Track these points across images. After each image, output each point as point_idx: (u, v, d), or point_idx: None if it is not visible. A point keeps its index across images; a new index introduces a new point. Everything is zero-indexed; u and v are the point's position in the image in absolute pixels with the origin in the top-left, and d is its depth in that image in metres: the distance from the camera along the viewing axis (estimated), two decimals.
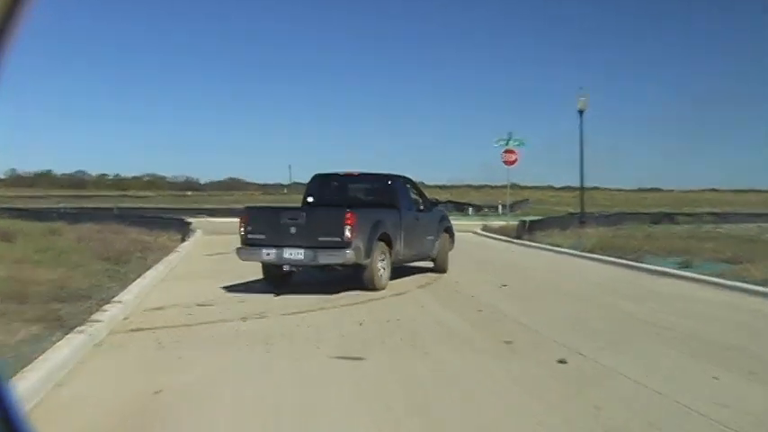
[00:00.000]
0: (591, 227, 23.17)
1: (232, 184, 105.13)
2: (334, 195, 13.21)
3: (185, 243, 19.72)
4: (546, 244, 20.58)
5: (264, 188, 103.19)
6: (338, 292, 10.61)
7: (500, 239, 23.49)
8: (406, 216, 12.58)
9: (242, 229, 11.76)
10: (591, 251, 17.87)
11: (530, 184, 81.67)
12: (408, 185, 13.51)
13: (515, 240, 22.46)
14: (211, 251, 17.85)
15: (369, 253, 11.24)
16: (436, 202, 15.71)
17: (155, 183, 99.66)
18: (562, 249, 19.33)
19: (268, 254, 11.45)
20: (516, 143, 29.94)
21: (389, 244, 11.69)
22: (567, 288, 12.04)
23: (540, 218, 28.44)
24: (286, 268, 11.39)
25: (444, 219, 15.05)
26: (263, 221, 11.92)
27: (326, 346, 6.91)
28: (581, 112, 25.64)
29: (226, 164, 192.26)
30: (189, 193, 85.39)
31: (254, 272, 11.65)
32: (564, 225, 23.95)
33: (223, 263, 15.03)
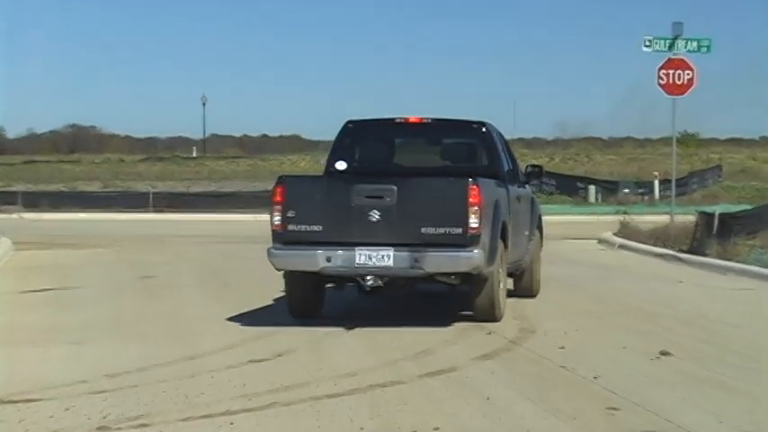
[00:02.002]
0: None
1: (77, 140, 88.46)
2: (386, 158, 12.03)
3: None
4: (759, 265, 15.65)
5: (148, 147, 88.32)
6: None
7: (655, 254, 18.98)
8: (510, 190, 11.83)
9: (277, 216, 10.32)
10: None
11: (721, 136, 69.27)
12: (504, 140, 12.82)
13: (689, 257, 17.65)
14: (37, 284, 14.16)
15: (493, 256, 10.44)
16: (535, 172, 13.53)
17: None
18: None
19: (329, 258, 10.11)
20: (693, 47, 21.33)
21: (505, 240, 11.03)
22: None
23: (745, 207, 23.20)
24: (370, 281, 10.23)
25: (535, 203, 13.52)
26: (317, 201, 10.49)
27: None
28: None
29: (61, 100, 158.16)
30: None
31: (133, 324, 10.12)
32: None
33: (65, 308, 12.04)
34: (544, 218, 14.47)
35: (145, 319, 11.23)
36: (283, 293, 11.75)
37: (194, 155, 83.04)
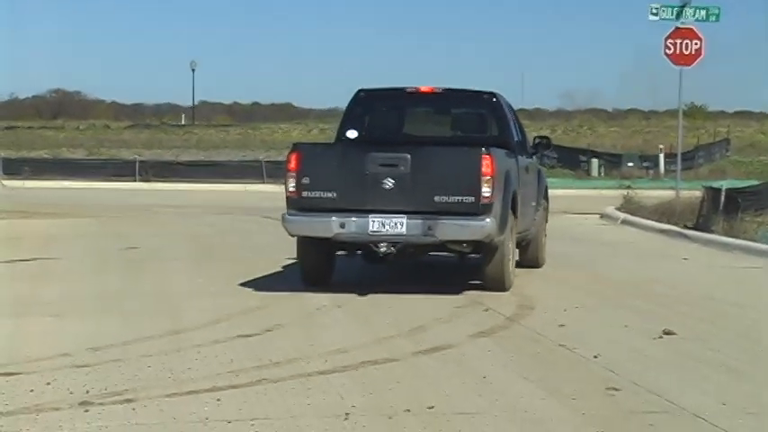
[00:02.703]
0: None
1: (61, 105, 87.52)
2: (397, 126, 12.30)
3: None
4: (767, 243, 15.54)
5: (135, 114, 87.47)
6: None
7: (659, 231, 18.72)
8: (520, 161, 12.09)
9: (291, 183, 10.71)
10: None
11: (729, 109, 69.34)
12: (513, 111, 13.10)
13: (694, 233, 17.37)
14: (15, 254, 13.89)
15: (504, 225, 10.75)
16: (543, 143, 13.64)
17: None
18: None
19: (342, 225, 10.40)
20: (701, 15, 21.18)
21: (515, 210, 11.31)
22: None
23: (752, 183, 22.55)
24: (383, 248, 10.59)
25: (542, 174, 13.97)
26: (332, 168, 10.83)
27: None
28: None
29: (45, 64, 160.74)
30: None
31: (116, 298, 9.92)
32: None
33: (45, 280, 11.87)
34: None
35: (129, 293, 11.10)
36: (275, 269, 11.99)
37: (183, 122, 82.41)
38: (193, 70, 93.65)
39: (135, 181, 35.05)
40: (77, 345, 7.99)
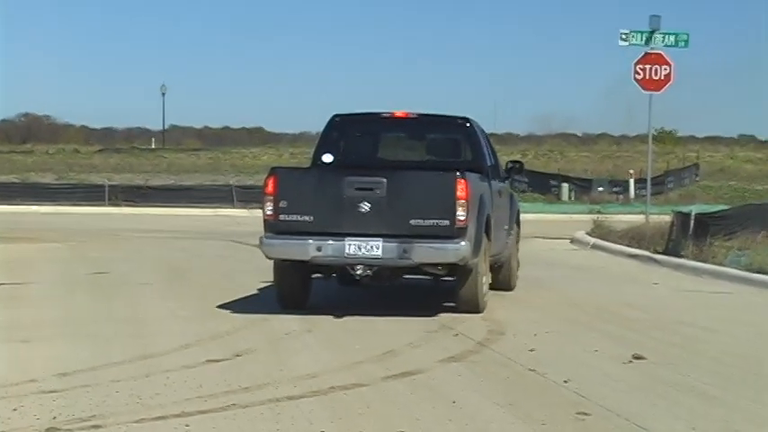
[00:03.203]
0: None
1: (30, 129, 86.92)
2: (372, 151, 12.31)
3: None
4: (734, 267, 15.42)
5: (105, 138, 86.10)
6: None
7: (629, 254, 18.66)
8: (493, 185, 12.12)
9: (269, 207, 10.64)
10: None
11: (699, 134, 68.82)
12: (486, 136, 13.08)
13: (664, 258, 17.33)
14: None
15: (478, 248, 10.74)
16: (515, 168, 13.87)
17: None
18: None
19: (319, 248, 10.45)
20: (670, 41, 21.31)
21: (488, 233, 11.30)
22: None
23: (720, 208, 22.81)
24: (359, 271, 10.59)
25: (514, 198, 14.00)
26: (308, 192, 10.82)
27: None
28: None
29: (13, 89, 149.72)
30: None
31: (86, 323, 9.76)
32: None
33: (15, 305, 11.64)
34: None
35: (98, 318, 10.96)
36: (248, 293, 11.92)
37: (153, 146, 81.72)
38: (163, 94, 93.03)
39: (105, 205, 34.65)
40: (45, 370, 7.86)
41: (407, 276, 11.61)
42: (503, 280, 12.90)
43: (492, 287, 11.99)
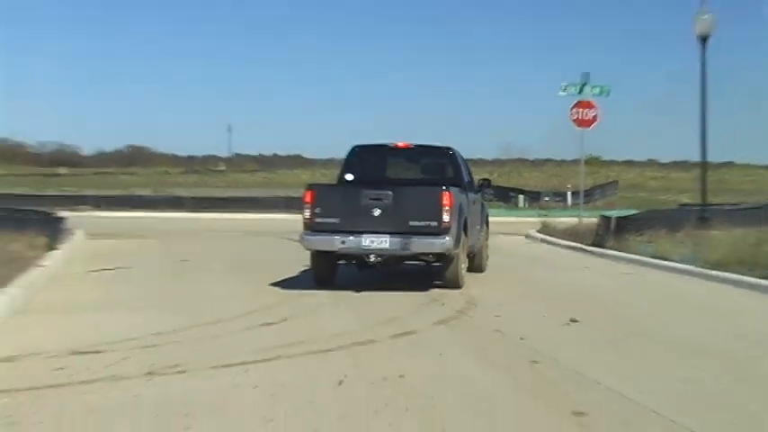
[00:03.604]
0: (719, 227, 17.03)
1: (134, 157, 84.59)
2: (382, 171, 12.26)
3: (56, 252, 14.25)
4: (644, 255, 15.36)
5: (188, 163, 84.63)
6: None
7: (567, 247, 18.61)
8: (469, 196, 12.04)
9: (307, 212, 10.74)
10: (717, 267, 12.76)
11: (618, 158, 67.36)
12: (464, 159, 12.99)
13: (593, 249, 17.40)
14: (101, 265, 13.52)
15: (458, 241, 10.74)
16: (485, 183, 14.04)
17: (5, 154, 76.86)
18: (670, 264, 14.22)
19: (343, 242, 10.48)
20: (596, 91, 21.28)
21: (466, 231, 11.22)
22: (676, 329, 8.84)
23: (633, 212, 21.63)
24: (372, 258, 10.69)
25: (484, 206, 13.91)
26: (336, 201, 10.86)
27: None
28: (702, 38, 17.45)
29: (124, 126, 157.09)
30: (62, 170, 69.17)
31: (173, 298, 9.55)
32: (674, 224, 17.59)
33: (122, 284, 11.60)
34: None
35: (182, 293, 10.96)
36: (291, 275, 11.89)
37: (222, 168, 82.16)
38: (229, 131, 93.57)
39: (186, 211, 34.19)
40: (144, 331, 7.82)
41: (407, 262, 11.58)
42: (476, 265, 12.84)
43: (468, 270, 11.90)
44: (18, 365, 6.51)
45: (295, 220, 11.28)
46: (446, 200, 10.48)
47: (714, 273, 12.55)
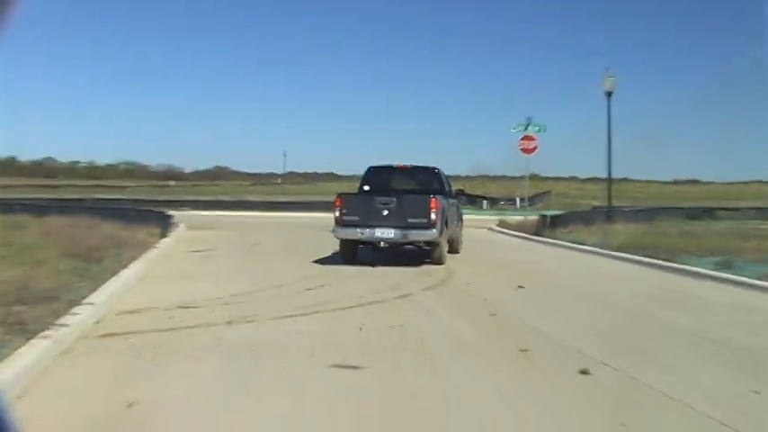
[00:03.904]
0: (619, 223, 17.06)
1: (219, 174, 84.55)
2: (389, 184, 11.91)
3: (166, 239, 14.40)
4: (569, 242, 15.33)
5: (255, 178, 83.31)
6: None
7: (517, 236, 18.43)
8: (450, 200, 11.90)
9: (337, 212, 10.64)
10: (619, 249, 12.84)
11: (551, 175, 64.61)
12: (445, 175, 12.76)
13: (534, 237, 17.28)
14: (196, 247, 13.38)
15: (442, 233, 10.62)
16: (459, 192, 15.04)
17: (133, 171, 78.63)
18: (587, 247, 14.21)
19: (362, 233, 10.45)
20: (536, 129, 21.22)
21: (447, 225, 11.02)
22: (591, 291, 8.78)
23: (562, 212, 21.47)
24: (382, 244, 10.68)
25: (459, 208, 13.44)
26: (357, 205, 10.75)
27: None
28: (608, 93, 17.93)
29: (212, 151, 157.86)
30: (171, 183, 69.56)
31: (245, 271, 9.37)
32: (589, 220, 17.80)
33: (210, 261, 11.53)
34: None
35: (252, 267, 10.91)
36: (326, 255, 11.74)
37: (279, 182, 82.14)
38: (284, 155, 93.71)
39: (255, 211, 33.16)
40: (225, 293, 7.83)
41: (406, 247, 11.47)
42: (454, 249, 12.71)
43: (448, 252, 11.85)
44: (143, 315, 6.54)
45: (329, 217, 11.22)
46: (433, 204, 10.44)
47: (616, 253, 12.57)
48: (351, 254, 11.09)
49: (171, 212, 18.70)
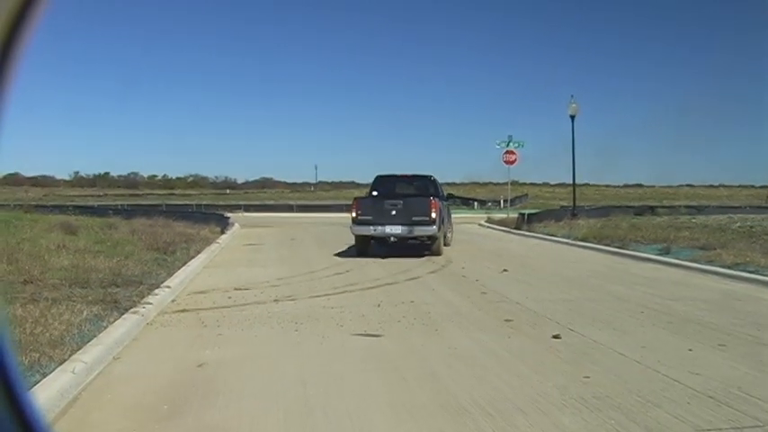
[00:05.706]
0: (582, 218, 17.16)
1: (264, 183, 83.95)
2: (393, 189, 11.34)
3: (224, 235, 14.45)
4: (542, 234, 15.22)
5: (293, 186, 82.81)
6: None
7: (501, 230, 18.14)
8: (443, 202, 11.50)
9: (353, 213, 10.36)
10: (582, 239, 12.86)
11: (528, 181, 63.89)
12: (439, 182, 12.34)
13: (515, 231, 17.07)
14: (248, 241, 13.41)
15: (440, 229, 10.37)
16: (451, 196, 14.74)
17: (198, 182, 79.61)
18: (556, 238, 14.13)
19: (374, 229, 10.16)
20: (516, 145, 21.09)
21: (443, 223, 10.82)
22: (560, 272, 8.63)
23: (537, 211, 21.27)
24: (392, 239, 10.27)
25: (449, 209, 12.94)
26: (370, 207, 10.35)
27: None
28: (572, 117, 17.77)
29: (259, 165, 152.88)
30: (228, 191, 69.48)
31: (287, 259, 9.30)
32: (558, 217, 17.65)
33: (258, 252, 11.46)
34: (453, 216, 14.01)
35: (292, 257, 10.91)
36: (350, 246, 11.56)
37: (312, 189, 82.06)
38: (316, 168, 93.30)
39: (293, 212, 33.68)
40: (272, 278, 7.90)
41: (411, 241, 11.27)
42: (447, 242, 12.48)
43: (444, 245, 11.75)
44: (207, 295, 6.59)
45: (348, 216, 11.18)
46: (433, 205, 10.23)
47: (579, 243, 12.52)
48: (365, 247, 10.82)
49: (228, 214, 18.86)
